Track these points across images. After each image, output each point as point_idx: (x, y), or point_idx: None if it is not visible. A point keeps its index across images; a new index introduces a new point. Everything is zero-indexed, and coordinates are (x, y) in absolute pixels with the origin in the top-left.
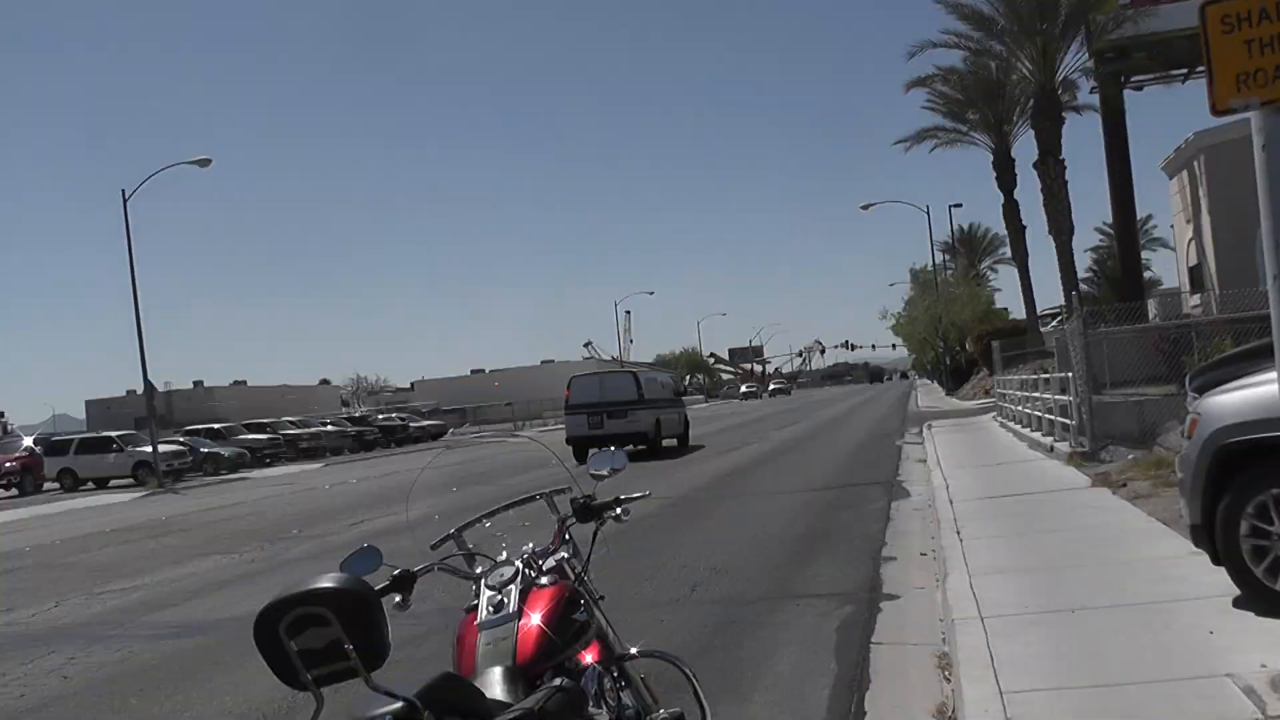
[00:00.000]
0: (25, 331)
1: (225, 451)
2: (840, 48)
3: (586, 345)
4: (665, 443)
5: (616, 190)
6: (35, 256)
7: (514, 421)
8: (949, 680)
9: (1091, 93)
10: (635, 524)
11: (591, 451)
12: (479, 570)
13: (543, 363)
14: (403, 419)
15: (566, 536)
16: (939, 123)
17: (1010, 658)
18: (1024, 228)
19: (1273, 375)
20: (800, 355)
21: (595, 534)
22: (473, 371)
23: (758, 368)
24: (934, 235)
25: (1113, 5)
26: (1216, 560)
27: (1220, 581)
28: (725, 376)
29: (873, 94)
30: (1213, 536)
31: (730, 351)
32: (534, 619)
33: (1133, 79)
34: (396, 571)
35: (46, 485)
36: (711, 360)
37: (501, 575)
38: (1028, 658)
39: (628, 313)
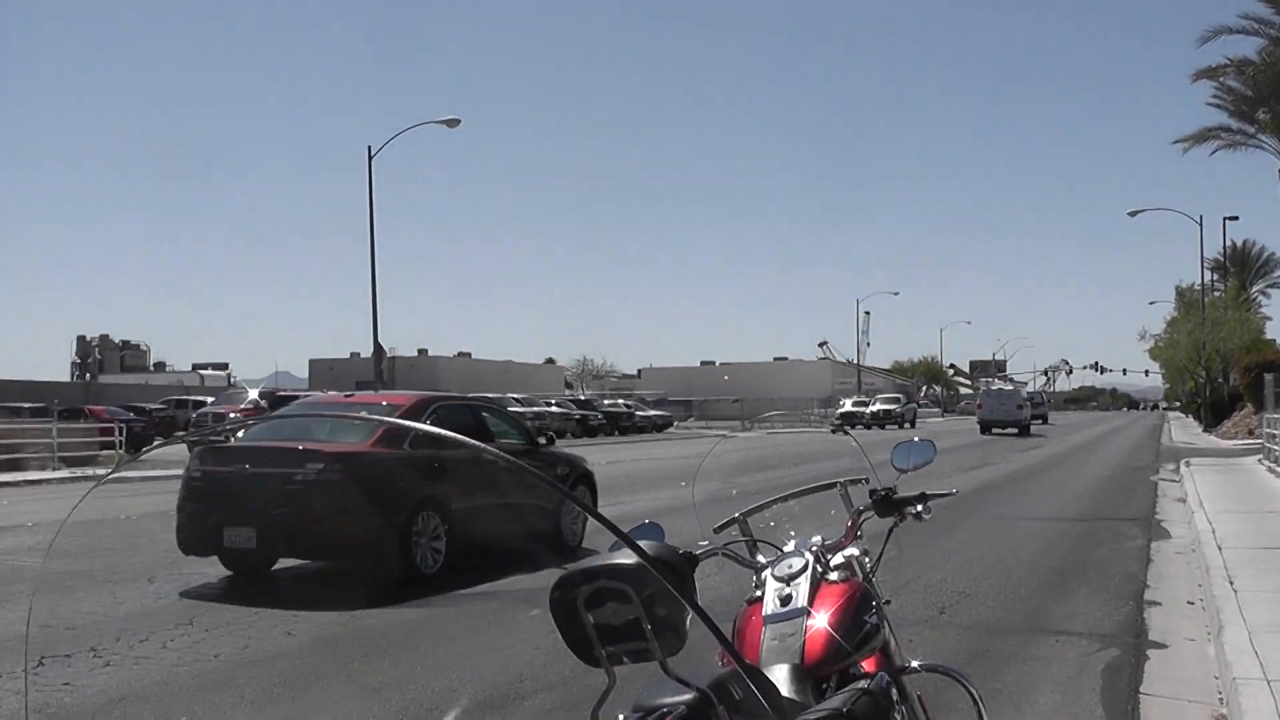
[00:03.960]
0: (256, 285)
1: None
2: (1115, 31)
3: (822, 345)
4: None
5: (866, 186)
6: (274, 206)
7: (742, 420)
8: None
9: None
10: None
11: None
12: (763, 560)
13: (775, 359)
14: (629, 406)
15: (859, 533)
16: (1224, 122)
17: None
18: None
19: None
20: (1045, 374)
21: (890, 531)
22: (702, 363)
23: (984, 385)
24: (1204, 252)
25: None
26: None
27: None
28: (964, 390)
29: (1148, 84)
30: None
31: (971, 364)
32: (823, 617)
33: None
34: (681, 552)
35: None
36: (951, 372)
37: (790, 567)
38: None
39: (867, 313)
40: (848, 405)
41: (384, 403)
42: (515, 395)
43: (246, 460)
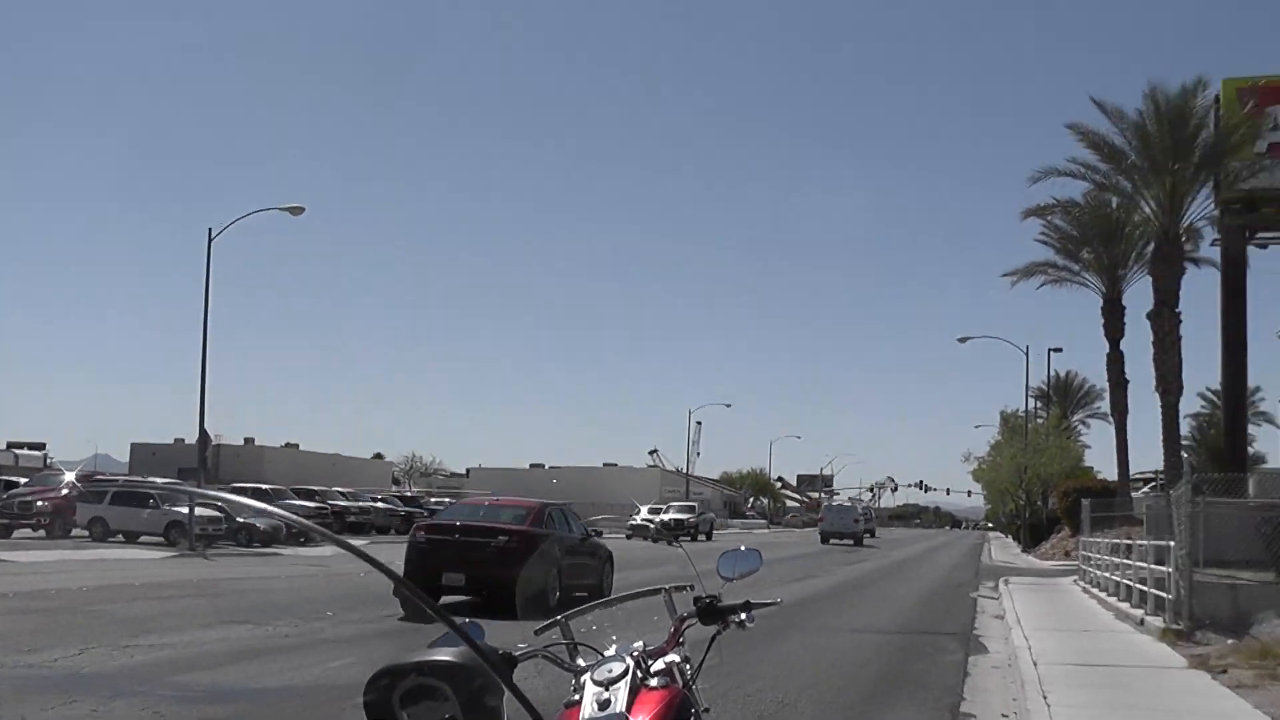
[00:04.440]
0: (78, 362)
1: (261, 524)
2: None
3: (652, 453)
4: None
5: (701, 300)
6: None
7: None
8: None
9: (1213, 245)
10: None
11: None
12: (583, 663)
13: (605, 465)
14: None
15: (682, 639)
16: (1051, 258)
17: None
18: (1127, 381)
19: None
20: (871, 490)
21: (714, 639)
22: (531, 465)
23: (825, 498)
24: (1029, 380)
25: (1249, 153)
26: None
27: None
28: (791, 503)
29: (984, 216)
30: None
31: (799, 478)
32: None
33: (1258, 235)
34: (500, 653)
35: (75, 532)
36: (779, 484)
37: (610, 671)
38: None
39: (699, 423)
40: (641, 514)
41: (521, 505)
42: (341, 489)
43: (456, 536)
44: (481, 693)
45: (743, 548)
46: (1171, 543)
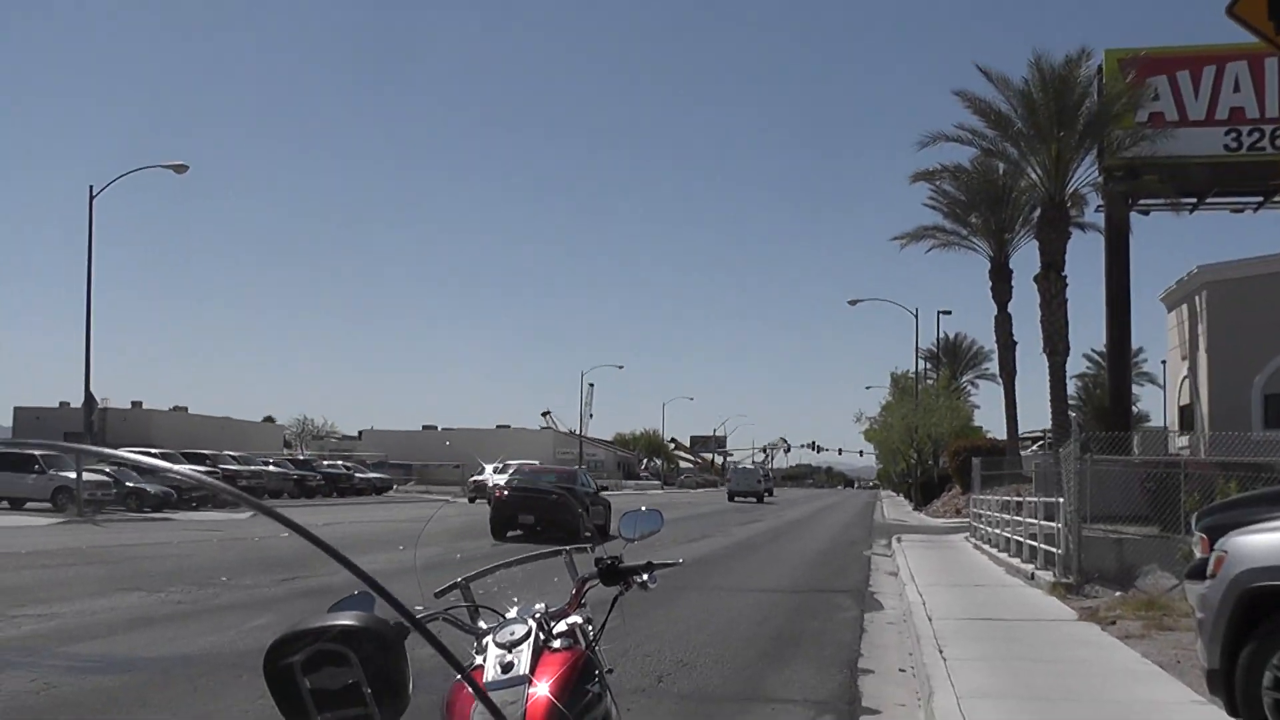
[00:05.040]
0: None
1: (151, 488)
2: (847, 129)
3: (545, 415)
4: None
5: (593, 261)
6: None
7: (462, 485)
8: None
9: (1097, 210)
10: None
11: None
12: (484, 626)
13: (498, 427)
14: (348, 468)
15: (584, 601)
16: (939, 223)
17: None
18: (1015, 343)
19: None
20: (764, 451)
21: (615, 599)
22: (424, 427)
23: (718, 459)
24: (919, 342)
25: (1130, 122)
26: (1233, 710)
27: None
28: (684, 464)
29: (874, 183)
30: (1230, 684)
31: (692, 439)
32: (545, 685)
33: (1140, 201)
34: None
35: None
36: (672, 445)
37: (512, 634)
38: None
39: (591, 385)
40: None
41: (560, 472)
42: (232, 453)
43: (530, 492)
44: (386, 657)
45: (644, 508)
46: (1060, 499)
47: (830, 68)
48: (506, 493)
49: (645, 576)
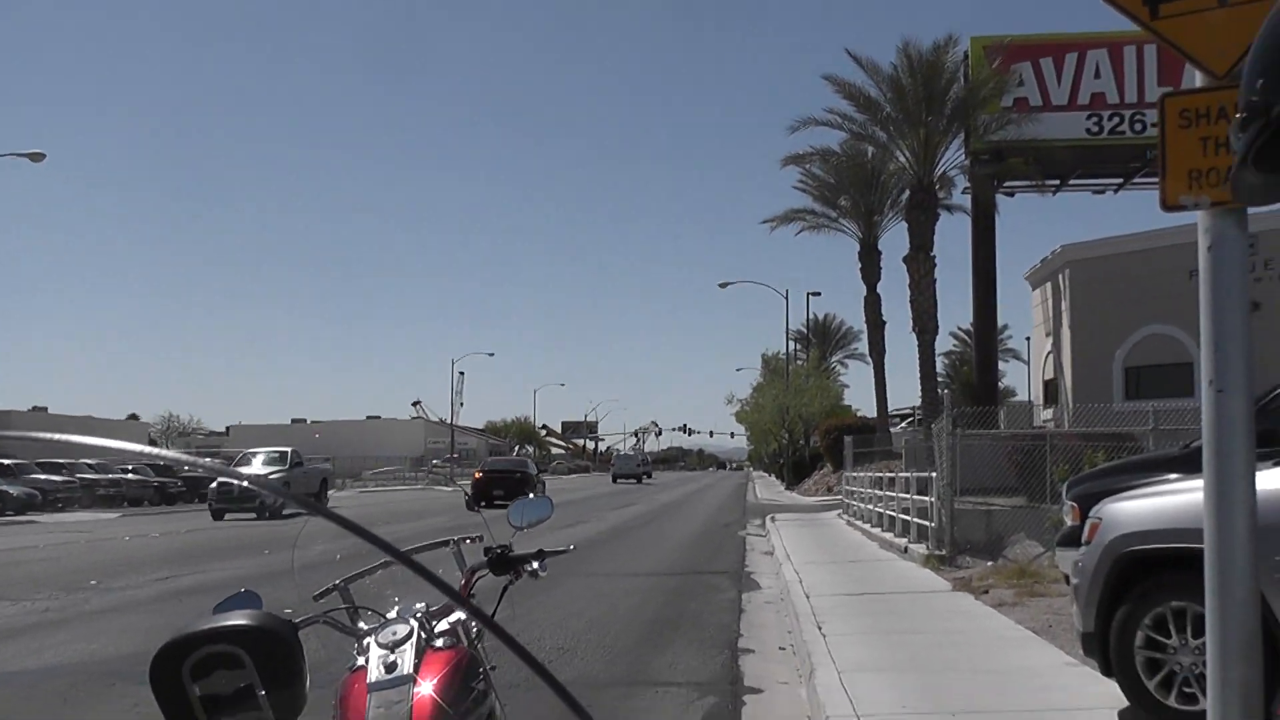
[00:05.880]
0: None
1: (14, 490)
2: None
3: (415, 404)
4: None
5: (461, 247)
6: None
7: (335, 478)
8: None
9: (964, 193)
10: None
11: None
12: (365, 627)
13: (368, 418)
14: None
15: (473, 592)
16: (809, 205)
17: None
18: (884, 322)
19: (1183, 484)
20: (635, 435)
21: (505, 590)
22: (293, 420)
23: (590, 444)
24: (790, 323)
25: (996, 107)
26: (1107, 671)
27: (1105, 693)
28: (556, 450)
29: (746, 163)
30: (1105, 646)
31: (563, 425)
32: (429, 685)
33: (1006, 184)
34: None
35: None
36: (544, 432)
37: (394, 634)
38: None
39: (462, 373)
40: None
41: (521, 460)
42: (88, 461)
43: (499, 472)
44: (283, 656)
45: (531, 495)
46: (933, 474)
47: (701, 50)
48: (483, 476)
49: (536, 565)
